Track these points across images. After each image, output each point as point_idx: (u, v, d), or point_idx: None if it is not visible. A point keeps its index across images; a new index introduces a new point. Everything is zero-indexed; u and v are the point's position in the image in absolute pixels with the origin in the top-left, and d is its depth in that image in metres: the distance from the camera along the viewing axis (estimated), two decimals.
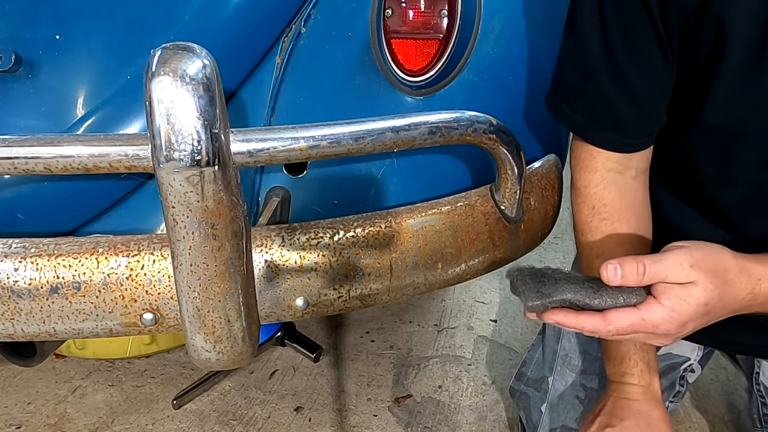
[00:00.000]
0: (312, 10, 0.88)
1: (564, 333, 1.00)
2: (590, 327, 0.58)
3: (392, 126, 0.60)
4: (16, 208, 0.77)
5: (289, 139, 0.56)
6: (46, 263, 0.63)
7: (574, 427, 0.99)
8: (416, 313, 2.09)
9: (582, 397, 0.97)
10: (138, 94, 0.76)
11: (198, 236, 0.52)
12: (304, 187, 0.88)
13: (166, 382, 1.72)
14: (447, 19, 0.94)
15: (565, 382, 1.00)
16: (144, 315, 0.65)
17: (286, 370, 1.79)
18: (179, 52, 0.48)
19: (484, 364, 1.84)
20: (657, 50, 0.69)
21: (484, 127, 0.66)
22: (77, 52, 0.79)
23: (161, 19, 0.80)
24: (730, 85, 0.66)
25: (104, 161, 0.56)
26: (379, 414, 1.62)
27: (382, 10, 0.90)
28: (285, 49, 0.88)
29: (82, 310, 0.64)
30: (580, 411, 0.98)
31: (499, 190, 0.78)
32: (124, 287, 0.64)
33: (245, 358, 0.63)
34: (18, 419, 1.57)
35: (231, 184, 0.52)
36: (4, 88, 0.78)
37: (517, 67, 1.00)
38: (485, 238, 0.78)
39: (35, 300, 0.63)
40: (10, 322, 0.64)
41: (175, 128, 0.48)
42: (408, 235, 0.73)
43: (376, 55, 0.90)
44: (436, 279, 0.76)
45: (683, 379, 0.97)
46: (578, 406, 0.98)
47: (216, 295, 0.56)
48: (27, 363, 0.90)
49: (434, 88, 0.95)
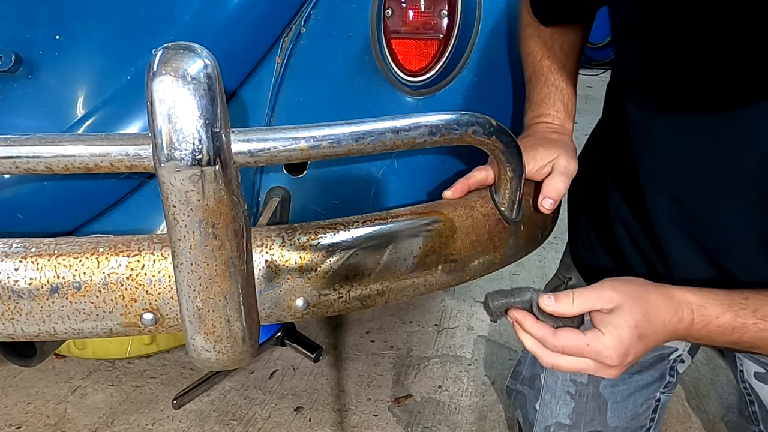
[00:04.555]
0: (312, 10, 0.88)
1: None
2: (540, 335, 0.63)
3: (392, 126, 0.60)
4: (17, 208, 0.77)
5: (289, 139, 0.56)
6: (47, 263, 0.63)
7: (566, 423, 1.00)
8: (416, 313, 2.09)
9: (573, 392, 0.98)
10: (138, 94, 0.77)
11: (198, 235, 0.52)
12: (304, 187, 0.88)
13: (166, 382, 1.72)
14: (447, 19, 0.94)
15: (556, 377, 1.01)
16: (144, 315, 0.65)
17: (286, 370, 1.79)
18: (181, 52, 0.48)
19: (484, 364, 1.84)
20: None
21: (484, 127, 0.65)
22: (77, 52, 0.79)
23: (161, 19, 0.80)
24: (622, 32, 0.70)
25: (105, 161, 0.56)
26: (379, 414, 1.62)
27: (382, 10, 0.90)
28: (285, 49, 0.88)
29: (82, 310, 0.64)
30: (572, 406, 0.99)
31: (499, 191, 0.78)
32: (125, 287, 0.64)
33: (245, 358, 0.63)
34: (18, 419, 1.57)
35: (232, 184, 0.52)
36: (4, 88, 0.78)
37: (517, 67, 1.00)
38: (485, 240, 0.78)
39: (35, 300, 0.63)
40: (10, 322, 0.64)
41: (177, 127, 0.48)
42: (408, 236, 0.73)
43: (376, 55, 0.90)
44: (436, 280, 0.76)
45: (673, 369, 0.99)
46: (569, 402, 0.99)
47: (216, 294, 0.56)
48: (27, 363, 0.90)
49: (434, 88, 0.95)
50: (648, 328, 0.62)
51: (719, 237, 0.71)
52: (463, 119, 0.64)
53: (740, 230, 0.69)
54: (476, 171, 0.81)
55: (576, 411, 0.99)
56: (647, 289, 0.64)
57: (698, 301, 0.64)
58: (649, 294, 0.63)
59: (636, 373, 0.96)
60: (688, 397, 1.71)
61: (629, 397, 0.97)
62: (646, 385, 0.97)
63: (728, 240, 0.71)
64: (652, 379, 0.97)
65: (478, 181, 0.80)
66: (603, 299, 0.62)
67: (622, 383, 0.96)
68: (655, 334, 0.63)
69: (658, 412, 1.02)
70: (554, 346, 0.62)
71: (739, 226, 0.69)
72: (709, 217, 0.71)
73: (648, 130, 0.74)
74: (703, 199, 0.71)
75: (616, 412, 0.97)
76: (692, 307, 0.64)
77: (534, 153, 0.82)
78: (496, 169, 0.77)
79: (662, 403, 1.01)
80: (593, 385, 0.97)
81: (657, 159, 0.74)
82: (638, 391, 0.97)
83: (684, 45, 0.65)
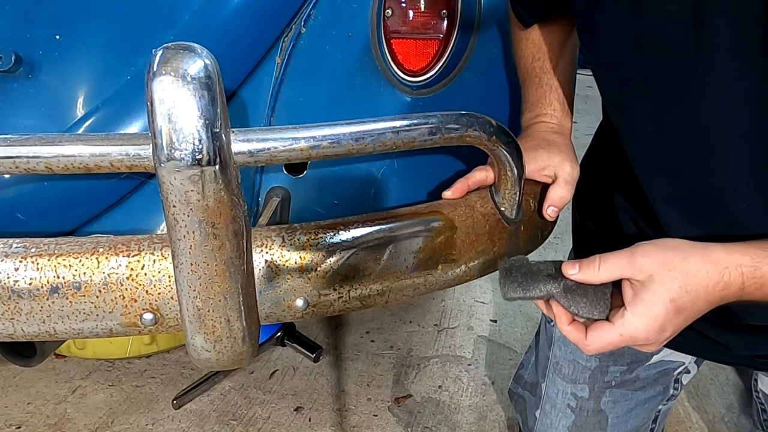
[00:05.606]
0: (312, 10, 0.88)
1: (555, 340, 1.00)
2: (574, 340, 0.60)
3: (392, 126, 0.60)
4: (16, 208, 0.77)
5: (289, 139, 0.56)
6: (47, 263, 0.63)
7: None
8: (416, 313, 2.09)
9: (573, 405, 0.97)
10: (138, 94, 0.77)
11: (198, 235, 0.52)
12: (304, 187, 0.88)
13: (166, 382, 1.72)
14: (447, 19, 0.94)
15: (557, 389, 0.99)
16: (144, 315, 0.65)
17: (286, 370, 1.79)
18: (180, 52, 0.48)
19: (484, 364, 1.84)
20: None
21: (484, 127, 0.65)
22: (77, 52, 0.79)
23: (161, 19, 0.80)
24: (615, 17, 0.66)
25: (105, 161, 0.56)
26: (379, 414, 1.62)
27: (382, 10, 0.90)
28: (285, 49, 0.88)
29: (82, 310, 0.64)
30: (572, 420, 0.98)
31: (499, 191, 0.78)
32: (125, 287, 0.64)
33: (245, 358, 0.63)
34: (18, 419, 1.57)
35: (232, 184, 0.52)
36: (4, 88, 0.78)
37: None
38: (485, 240, 0.78)
39: (35, 300, 0.63)
40: (10, 322, 0.64)
41: (177, 128, 0.48)
42: (408, 236, 0.73)
43: (376, 55, 0.90)
44: (436, 280, 0.76)
45: (678, 381, 0.97)
46: (570, 415, 0.98)
47: (216, 294, 0.56)
48: (27, 363, 0.89)
49: (434, 88, 0.95)
50: (687, 299, 0.56)
51: (724, 208, 0.66)
52: (463, 119, 0.64)
53: (749, 196, 0.63)
54: (476, 171, 0.81)
55: (576, 425, 0.98)
56: (685, 254, 0.57)
57: (749, 261, 0.56)
58: (687, 260, 0.56)
59: (639, 390, 0.94)
60: (688, 397, 1.71)
61: (631, 412, 0.96)
62: (648, 399, 0.96)
63: (735, 209, 0.65)
64: (656, 393, 0.96)
65: (478, 181, 0.80)
66: (633, 267, 0.57)
67: (624, 399, 0.95)
68: (696, 305, 0.57)
69: (659, 422, 1.00)
70: (588, 350, 0.59)
71: (746, 191, 0.63)
72: (708, 189, 0.66)
73: (622, 103, 0.71)
74: (697, 169, 0.66)
75: (616, 426, 0.96)
76: (742, 270, 0.56)
77: (535, 154, 0.81)
78: (496, 169, 0.77)
79: (663, 412, 1.00)
80: (594, 400, 0.96)
81: (636, 131, 0.70)
82: (640, 405, 0.96)
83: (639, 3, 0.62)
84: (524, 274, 0.62)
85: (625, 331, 0.57)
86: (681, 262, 0.56)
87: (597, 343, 0.59)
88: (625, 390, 0.94)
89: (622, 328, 0.57)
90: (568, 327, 0.61)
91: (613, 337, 0.58)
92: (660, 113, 0.66)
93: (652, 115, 0.67)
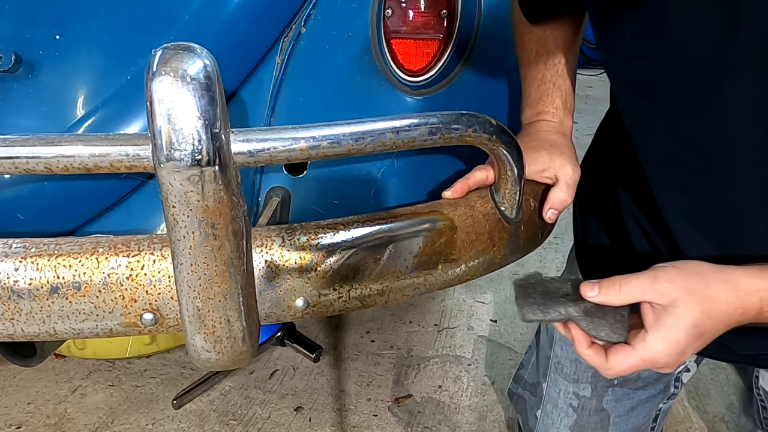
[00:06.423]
0: (312, 10, 0.88)
1: (556, 339, 1.00)
2: (594, 363, 0.60)
3: (392, 126, 0.60)
4: (16, 208, 0.77)
5: (289, 139, 0.56)
6: (47, 263, 0.63)
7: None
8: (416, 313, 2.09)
9: (575, 405, 0.97)
10: (138, 94, 0.77)
11: (198, 236, 0.52)
12: (304, 187, 0.88)
13: (166, 382, 1.72)
14: (447, 19, 0.94)
15: (558, 389, 0.99)
16: (144, 315, 0.65)
17: (286, 370, 1.79)
18: (180, 52, 0.48)
19: (484, 364, 1.84)
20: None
21: (484, 127, 0.65)
22: (77, 52, 0.79)
23: (161, 19, 0.80)
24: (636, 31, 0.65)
25: (105, 161, 0.56)
26: (379, 414, 1.62)
27: (382, 10, 0.90)
28: (285, 49, 0.88)
29: (82, 310, 0.64)
30: (574, 419, 0.98)
31: (499, 191, 0.78)
32: (124, 287, 0.64)
33: (245, 358, 0.63)
34: (18, 419, 1.57)
35: (231, 184, 0.52)
36: (4, 88, 0.78)
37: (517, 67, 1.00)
38: (485, 239, 0.78)
39: (35, 300, 0.63)
40: (10, 322, 0.64)
41: (176, 128, 0.48)
42: (408, 236, 0.73)
43: (376, 55, 0.90)
44: (436, 280, 0.76)
45: (678, 380, 0.97)
46: (572, 414, 0.98)
47: (216, 295, 0.56)
48: (27, 363, 0.90)
49: (434, 88, 0.95)
50: (708, 325, 0.56)
51: (735, 225, 0.66)
52: (463, 119, 0.64)
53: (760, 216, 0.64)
54: (476, 171, 0.81)
55: (578, 424, 0.98)
56: (708, 279, 0.57)
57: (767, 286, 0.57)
58: (709, 286, 0.56)
59: (640, 389, 0.95)
60: (688, 397, 1.71)
61: (632, 411, 0.96)
62: (650, 398, 0.96)
63: (746, 227, 0.65)
64: (657, 392, 0.96)
65: (478, 181, 0.80)
66: (656, 291, 0.56)
67: (626, 398, 0.95)
68: (715, 330, 0.58)
69: (659, 421, 1.01)
70: (609, 374, 0.59)
71: (756, 211, 0.64)
72: (719, 206, 0.66)
73: (640, 117, 0.71)
74: (709, 186, 0.66)
75: (618, 425, 0.96)
76: (761, 294, 0.57)
77: (536, 155, 0.81)
78: (496, 169, 0.77)
79: (663, 411, 1.00)
80: (596, 399, 0.96)
81: (650, 143, 0.71)
82: (641, 404, 0.96)
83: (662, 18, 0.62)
84: (542, 295, 0.61)
85: (646, 356, 0.57)
86: (704, 288, 0.56)
87: (618, 367, 0.59)
88: (626, 389, 0.94)
89: (643, 353, 0.57)
90: (587, 351, 0.61)
91: (634, 360, 0.58)
92: (675, 129, 0.66)
93: (667, 129, 0.67)
